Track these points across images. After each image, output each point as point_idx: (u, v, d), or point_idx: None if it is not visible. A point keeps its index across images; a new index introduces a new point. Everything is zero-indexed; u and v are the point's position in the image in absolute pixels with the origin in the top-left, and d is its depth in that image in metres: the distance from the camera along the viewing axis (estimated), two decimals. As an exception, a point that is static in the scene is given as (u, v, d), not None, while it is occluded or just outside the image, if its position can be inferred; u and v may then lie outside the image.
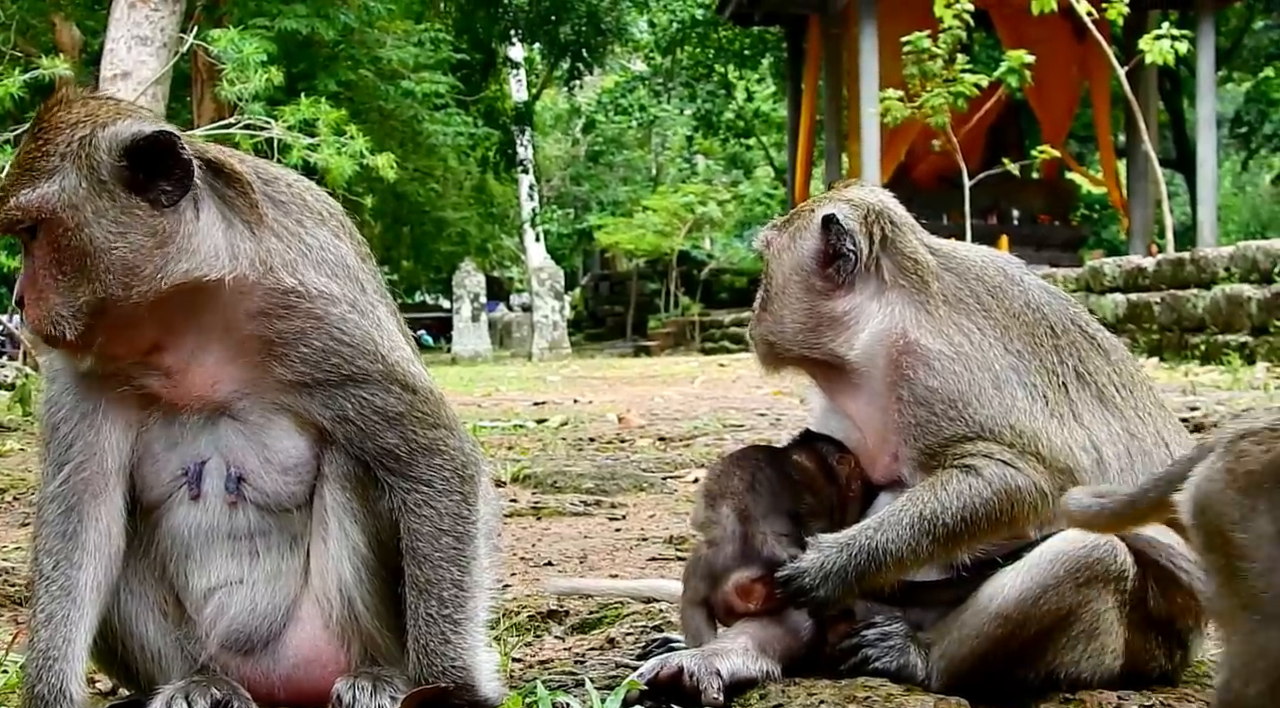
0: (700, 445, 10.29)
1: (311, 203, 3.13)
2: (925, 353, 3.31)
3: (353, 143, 13.93)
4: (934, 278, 3.42)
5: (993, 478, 3.20)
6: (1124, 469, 3.32)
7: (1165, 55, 22.88)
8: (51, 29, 23.77)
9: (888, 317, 3.39)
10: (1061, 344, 3.41)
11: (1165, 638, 3.34)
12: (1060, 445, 3.26)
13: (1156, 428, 3.41)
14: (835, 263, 3.43)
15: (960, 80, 22.56)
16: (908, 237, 3.49)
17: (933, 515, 3.20)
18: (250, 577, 3.10)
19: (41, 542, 3.00)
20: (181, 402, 3.03)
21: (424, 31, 34.73)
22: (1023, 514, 3.22)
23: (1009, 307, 3.41)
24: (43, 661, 2.90)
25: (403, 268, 45.74)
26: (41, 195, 2.80)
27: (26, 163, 2.85)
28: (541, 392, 18.26)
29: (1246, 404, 11.63)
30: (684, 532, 6.36)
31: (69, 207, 2.81)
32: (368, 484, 3.05)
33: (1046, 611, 3.15)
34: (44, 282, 2.84)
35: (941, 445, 3.27)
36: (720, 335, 37.67)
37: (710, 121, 50.96)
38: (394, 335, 3.11)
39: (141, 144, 2.84)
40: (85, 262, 2.81)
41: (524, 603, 4.60)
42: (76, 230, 2.81)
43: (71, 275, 2.82)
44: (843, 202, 3.51)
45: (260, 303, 2.97)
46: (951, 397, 3.27)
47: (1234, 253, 18.23)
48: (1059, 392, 3.34)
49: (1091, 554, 3.16)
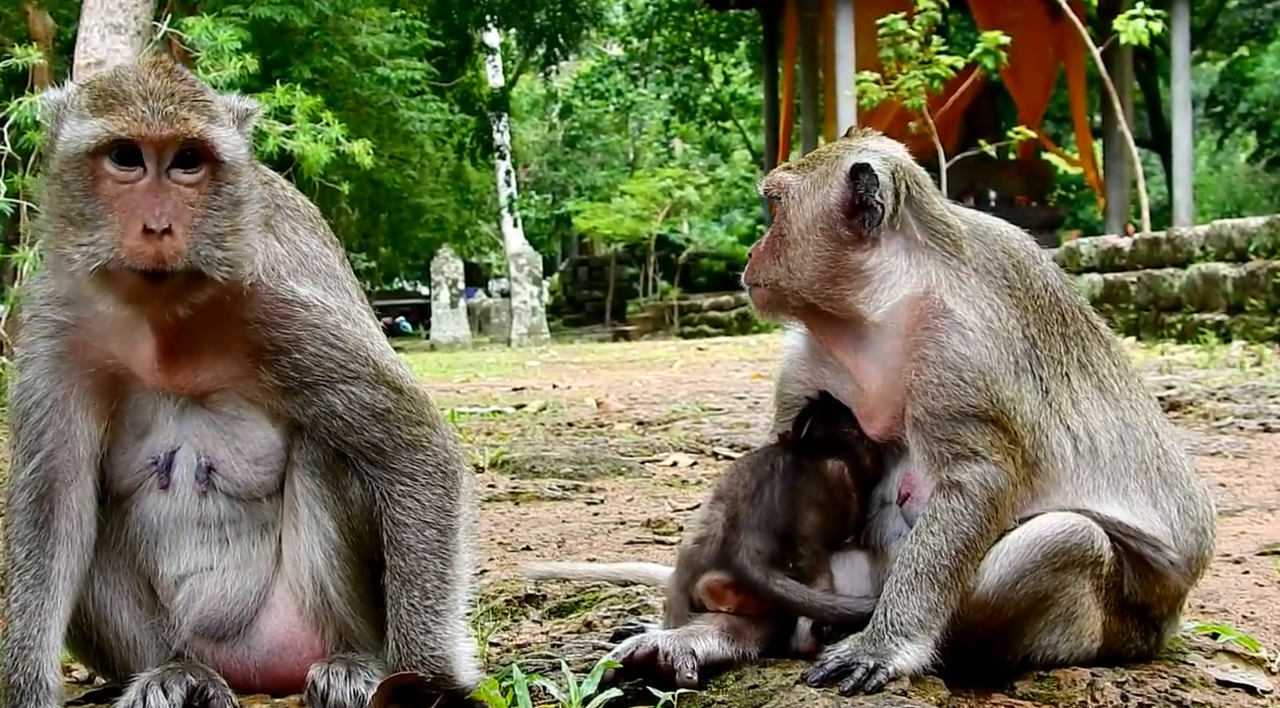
0: (679, 429, 10.30)
1: (303, 208, 3.16)
2: (961, 320, 3.24)
3: (328, 130, 13.90)
4: (965, 243, 3.35)
5: (978, 494, 3.17)
6: (1116, 456, 3.35)
7: (1140, 35, 22.93)
8: (24, 18, 23.59)
9: (922, 278, 3.29)
10: (1069, 334, 3.40)
11: (1141, 621, 3.37)
12: (1037, 439, 3.27)
13: (1148, 419, 3.45)
14: (861, 215, 3.31)
15: (936, 62, 22.58)
16: (932, 198, 3.40)
17: (933, 566, 3.15)
18: (220, 564, 3.10)
19: (13, 530, 3.00)
20: (161, 387, 3.02)
21: (399, 18, 34.58)
22: (1003, 511, 3.21)
23: (1030, 287, 3.36)
24: (18, 650, 2.90)
25: (380, 255, 45.65)
26: (231, 140, 2.84)
27: (194, 96, 2.82)
28: (520, 377, 18.25)
29: (1222, 383, 11.69)
30: (662, 516, 6.38)
31: (245, 161, 2.89)
32: (339, 472, 3.05)
33: (1024, 595, 3.17)
34: (198, 218, 2.77)
35: (956, 413, 3.20)
36: (699, 319, 37.69)
37: (687, 105, 50.94)
38: (382, 341, 3.14)
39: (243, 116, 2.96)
40: (239, 215, 2.83)
41: (501, 587, 4.61)
42: (244, 186, 2.86)
43: (228, 224, 2.81)
44: (871, 152, 3.38)
45: (261, 309, 2.96)
46: (982, 368, 3.20)
47: (1209, 232, 18.31)
48: (1061, 382, 3.34)
49: (1070, 539, 3.17)
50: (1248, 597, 4.39)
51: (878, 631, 3.13)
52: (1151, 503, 3.36)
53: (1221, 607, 4.22)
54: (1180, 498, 3.40)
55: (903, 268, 3.31)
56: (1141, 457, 3.37)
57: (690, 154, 58.96)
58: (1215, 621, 3.93)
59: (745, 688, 3.15)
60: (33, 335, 3.04)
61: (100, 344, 2.99)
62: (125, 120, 2.72)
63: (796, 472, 3.42)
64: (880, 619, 3.14)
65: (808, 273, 3.33)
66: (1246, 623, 4.03)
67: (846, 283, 3.32)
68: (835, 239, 3.32)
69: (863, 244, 3.31)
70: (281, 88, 14.03)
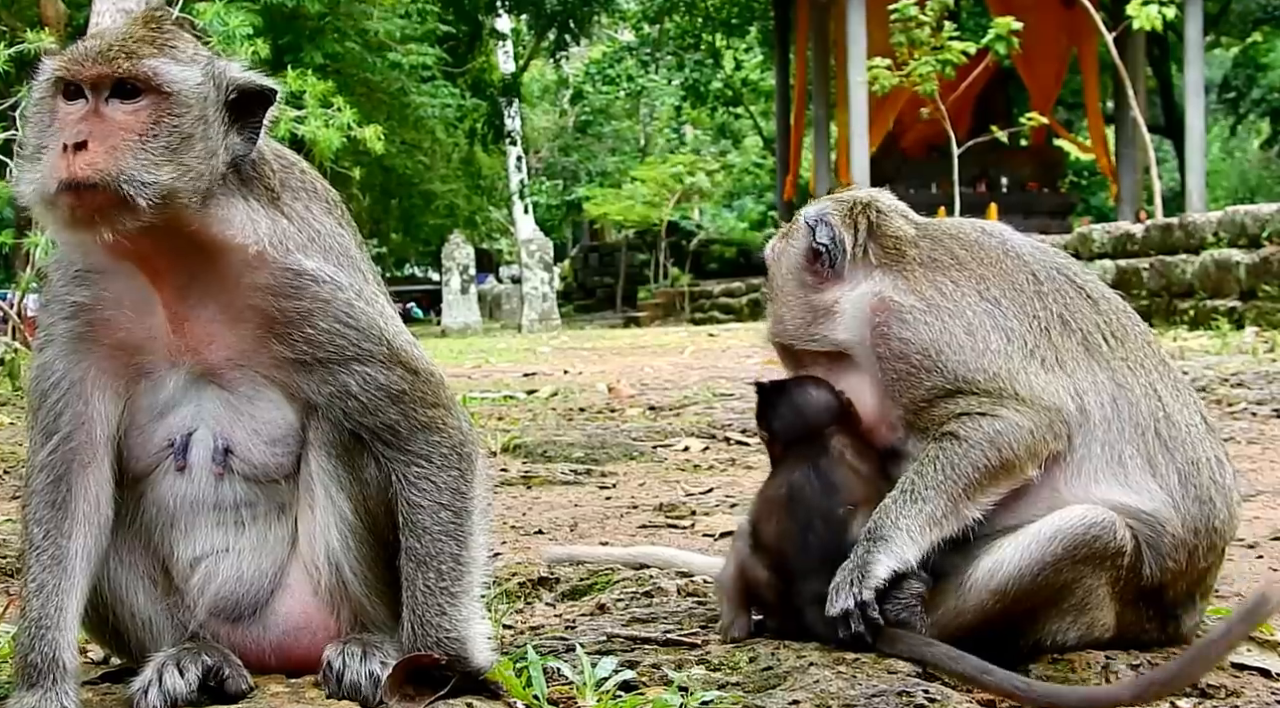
0: (690, 415, 10.31)
1: (320, 191, 3.17)
2: (899, 308, 3.41)
3: (340, 115, 13.93)
4: (910, 246, 3.53)
5: (972, 436, 3.24)
6: (1108, 419, 3.32)
7: (1153, 21, 22.87)
8: (36, 3, 23.64)
9: (867, 290, 3.50)
10: (1045, 290, 3.43)
11: (1157, 610, 3.35)
12: (1041, 385, 3.29)
13: (1149, 380, 3.38)
14: (821, 258, 3.56)
15: (948, 48, 22.50)
16: (892, 220, 3.61)
17: (920, 488, 3.23)
18: (236, 546, 3.10)
19: (31, 511, 3.00)
20: (173, 352, 3.02)
21: (410, 3, 34.58)
22: (1015, 458, 3.23)
23: (984, 256, 3.48)
24: (35, 630, 2.91)
25: (391, 240, 45.73)
26: (178, 73, 2.89)
27: (152, 38, 2.92)
28: (531, 363, 18.27)
29: (1235, 369, 11.67)
30: (674, 500, 6.39)
31: (196, 97, 2.90)
32: (354, 452, 3.06)
33: (1042, 585, 3.18)
34: (127, 141, 2.82)
35: (924, 402, 3.33)
36: (710, 306, 37.68)
37: (698, 91, 50.84)
38: (397, 323, 3.15)
39: (250, 90, 2.97)
40: (179, 148, 2.85)
41: (515, 570, 4.63)
42: (189, 120, 2.87)
43: (162, 152, 2.84)
44: (828, 200, 3.70)
45: (269, 279, 2.98)
46: (924, 346, 3.34)
47: (1222, 218, 18.28)
48: (1040, 335, 3.36)
49: (1089, 531, 3.18)
50: (1262, 581, 4.38)
51: (858, 545, 3.24)
52: (1149, 471, 3.30)
53: (1236, 591, 4.22)
54: (1182, 463, 3.32)
55: (862, 290, 3.52)
56: (1137, 419, 3.33)
57: (701, 140, 58.93)
58: (1229, 605, 3.92)
59: (759, 670, 3.16)
60: (51, 317, 3.06)
61: (116, 321, 3.01)
62: (65, 60, 2.87)
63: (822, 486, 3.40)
64: (864, 535, 3.24)
65: (791, 321, 3.64)
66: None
67: (823, 320, 3.58)
68: (803, 285, 3.63)
69: (826, 283, 3.58)
70: (293, 73, 14.05)
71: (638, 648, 3.44)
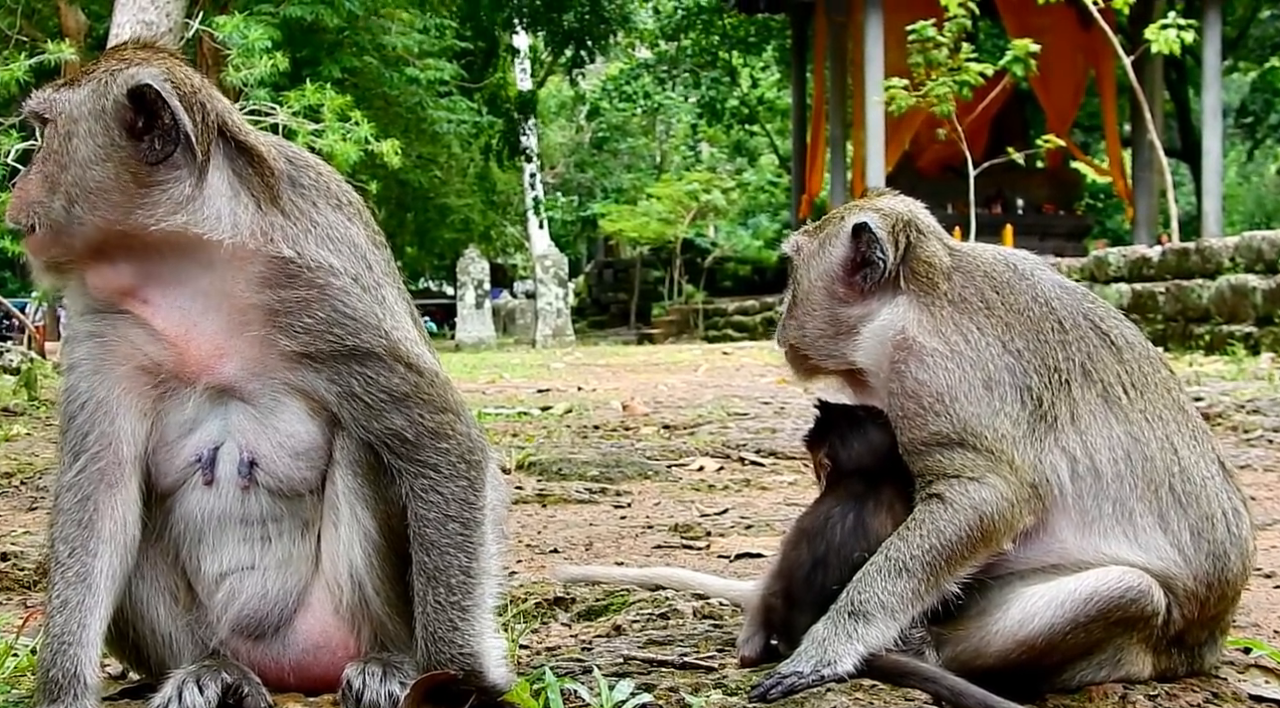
0: (705, 433, 10.31)
1: (333, 190, 3.15)
2: (920, 349, 3.33)
3: (357, 129, 13.97)
4: (943, 278, 3.43)
5: (958, 501, 3.19)
6: (1120, 476, 3.28)
7: (1171, 44, 22.88)
8: (57, 13, 23.76)
9: (898, 320, 3.41)
10: (1069, 339, 3.36)
11: (1181, 650, 3.34)
12: (1041, 456, 3.25)
13: (1166, 432, 3.34)
14: (863, 270, 3.47)
15: (965, 69, 22.55)
16: (930, 243, 3.50)
17: (905, 558, 3.18)
18: (262, 562, 3.11)
19: (58, 530, 3.01)
20: (188, 374, 3.03)
21: (428, 18, 34.70)
22: (995, 531, 3.20)
23: (1014, 302, 3.38)
24: (57, 645, 2.92)
25: (406, 255, 45.75)
26: (52, 98, 3.01)
27: (68, 75, 3.12)
28: (546, 379, 18.27)
29: (1251, 395, 11.64)
30: (689, 520, 6.39)
31: (68, 115, 2.97)
32: (379, 470, 3.05)
33: (1073, 644, 3.15)
34: (33, 175, 2.99)
35: (924, 444, 3.27)
36: (724, 323, 37.70)
37: (714, 109, 50.96)
38: (399, 315, 3.11)
39: (137, 92, 2.94)
40: (64, 169, 2.94)
41: (531, 590, 4.62)
42: (66, 138, 2.95)
43: (53, 177, 2.95)
44: (872, 210, 3.53)
45: (261, 270, 2.98)
46: (940, 392, 3.28)
47: (1239, 243, 18.24)
48: (1060, 389, 3.30)
49: (1126, 595, 3.14)
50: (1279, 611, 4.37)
51: (838, 611, 3.17)
52: (1160, 527, 3.26)
53: (1253, 621, 4.20)
54: (1195, 519, 3.28)
55: (885, 319, 3.44)
56: (1151, 475, 3.28)
57: (717, 157, 59.02)
58: (1247, 635, 3.91)
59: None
60: (71, 344, 3.11)
61: (126, 351, 3.04)
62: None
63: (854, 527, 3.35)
64: (843, 600, 3.18)
65: (812, 330, 3.57)
66: (1279, 638, 4.02)
67: (845, 337, 3.51)
68: (833, 296, 3.53)
69: (857, 298, 3.49)
70: (311, 87, 14.11)
71: (654, 671, 3.43)
